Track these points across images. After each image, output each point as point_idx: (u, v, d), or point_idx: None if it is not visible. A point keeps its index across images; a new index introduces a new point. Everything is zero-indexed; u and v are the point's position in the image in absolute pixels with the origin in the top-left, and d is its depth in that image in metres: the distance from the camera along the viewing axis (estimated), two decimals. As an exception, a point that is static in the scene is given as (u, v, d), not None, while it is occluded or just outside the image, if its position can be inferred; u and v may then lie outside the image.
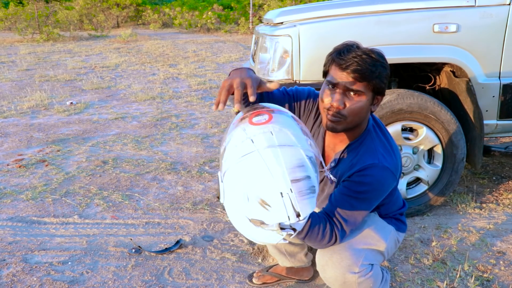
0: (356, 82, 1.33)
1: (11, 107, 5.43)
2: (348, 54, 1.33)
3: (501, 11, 2.34)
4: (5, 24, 16.85)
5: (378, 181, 1.38)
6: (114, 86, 6.72)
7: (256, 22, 17.18)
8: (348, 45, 1.37)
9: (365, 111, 1.39)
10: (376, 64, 1.32)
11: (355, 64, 1.31)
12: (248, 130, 1.14)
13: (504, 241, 2.31)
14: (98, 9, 20.76)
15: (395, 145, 1.48)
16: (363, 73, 1.31)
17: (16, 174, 3.32)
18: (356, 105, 1.36)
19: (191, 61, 9.33)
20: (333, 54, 1.38)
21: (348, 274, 1.43)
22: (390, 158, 1.42)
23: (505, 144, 3.70)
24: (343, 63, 1.33)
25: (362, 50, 1.34)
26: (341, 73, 1.34)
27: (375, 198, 1.40)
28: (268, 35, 2.62)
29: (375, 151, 1.41)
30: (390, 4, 2.43)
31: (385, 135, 1.49)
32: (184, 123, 4.67)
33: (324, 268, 1.47)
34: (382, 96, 1.42)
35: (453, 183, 2.52)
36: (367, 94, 1.36)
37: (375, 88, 1.35)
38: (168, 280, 2.03)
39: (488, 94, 2.45)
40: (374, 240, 1.53)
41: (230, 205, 1.16)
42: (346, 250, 1.45)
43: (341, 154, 1.48)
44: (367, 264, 1.47)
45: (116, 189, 3.02)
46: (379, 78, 1.34)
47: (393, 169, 1.40)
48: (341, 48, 1.37)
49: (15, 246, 2.31)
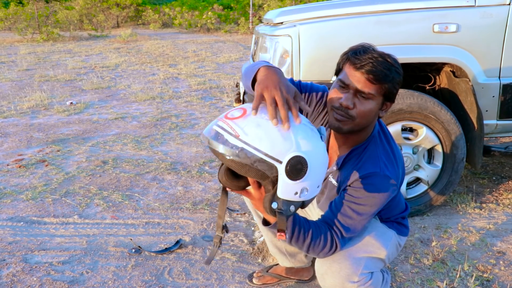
0: (368, 83, 1.31)
1: (11, 107, 5.43)
2: (364, 54, 1.32)
3: (501, 11, 2.34)
4: (5, 24, 16.85)
5: (378, 190, 1.36)
6: (114, 86, 6.73)
7: (256, 22, 17.19)
8: (364, 46, 1.36)
9: (373, 115, 1.37)
10: (391, 68, 1.32)
11: (370, 65, 1.29)
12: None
13: (504, 241, 2.31)
14: (98, 9, 20.77)
15: (398, 154, 1.47)
16: (377, 75, 1.30)
17: (16, 174, 3.32)
18: (366, 107, 1.34)
19: (191, 61, 9.34)
20: (348, 53, 1.36)
21: (347, 283, 1.41)
22: (392, 167, 1.40)
23: (505, 144, 3.70)
24: (358, 63, 1.31)
25: (378, 52, 1.33)
26: (354, 73, 1.32)
27: (375, 206, 1.38)
28: (268, 35, 2.62)
29: (378, 158, 1.40)
30: (390, 4, 2.43)
31: (389, 142, 1.47)
32: (184, 123, 4.67)
33: (323, 277, 1.45)
34: (391, 102, 1.40)
35: (453, 183, 2.52)
36: (378, 98, 1.35)
37: (386, 92, 1.34)
38: (168, 280, 2.03)
39: (488, 94, 2.45)
40: (374, 248, 1.51)
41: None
42: (346, 259, 1.43)
43: (344, 159, 1.47)
44: (366, 273, 1.45)
45: (116, 189, 3.02)
46: (391, 83, 1.33)
47: (394, 178, 1.39)
48: (357, 48, 1.35)
49: (15, 246, 2.31)
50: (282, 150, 1.09)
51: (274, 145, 1.09)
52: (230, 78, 7.31)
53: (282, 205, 1.15)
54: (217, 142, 1.10)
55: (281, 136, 1.10)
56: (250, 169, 1.11)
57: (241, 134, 1.09)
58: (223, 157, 1.11)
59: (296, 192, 1.14)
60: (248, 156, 1.08)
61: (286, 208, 1.16)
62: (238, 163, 1.10)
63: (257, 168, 1.10)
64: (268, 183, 1.15)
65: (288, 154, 1.09)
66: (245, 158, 1.08)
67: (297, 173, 1.11)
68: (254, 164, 1.09)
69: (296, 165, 1.10)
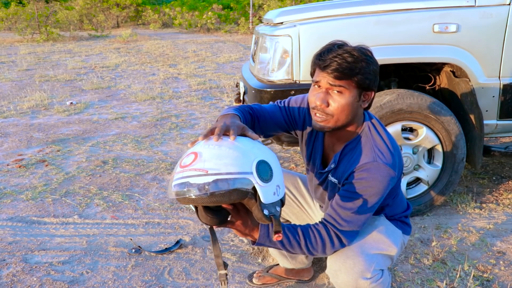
0: (336, 80, 1.35)
1: (11, 107, 5.43)
2: (328, 54, 1.36)
3: (501, 11, 2.34)
4: (5, 24, 16.85)
5: (375, 179, 1.37)
6: (114, 86, 6.73)
7: (256, 22, 17.18)
8: (329, 45, 1.40)
9: (351, 108, 1.39)
10: (356, 60, 1.34)
11: (334, 63, 1.33)
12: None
13: (504, 241, 2.31)
14: (98, 9, 20.77)
15: (393, 142, 1.48)
16: (342, 71, 1.33)
17: (16, 174, 3.32)
18: (341, 102, 1.37)
19: (191, 61, 9.34)
20: (315, 56, 1.42)
21: (360, 280, 1.43)
22: (387, 155, 1.41)
23: (505, 144, 3.70)
24: (322, 63, 1.36)
25: (344, 48, 1.36)
26: (322, 73, 1.37)
27: (375, 197, 1.39)
28: (268, 35, 2.62)
29: (371, 149, 1.42)
30: (390, 4, 2.43)
31: (382, 132, 1.48)
32: (184, 123, 4.67)
33: (336, 273, 1.47)
34: (371, 91, 1.42)
35: (453, 183, 2.52)
36: (351, 91, 1.37)
37: (359, 84, 1.37)
38: (168, 280, 2.03)
39: (488, 94, 2.45)
40: (386, 245, 1.53)
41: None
42: (359, 255, 1.45)
43: (340, 155, 1.49)
44: (378, 270, 1.47)
45: (116, 189, 3.02)
46: (361, 74, 1.35)
47: (391, 166, 1.40)
48: (322, 49, 1.40)
49: (15, 246, 2.31)
50: (247, 162, 1.18)
51: (239, 162, 1.17)
52: (230, 78, 7.31)
53: (271, 209, 1.22)
54: (190, 189, 1.15)
55: (238, 153, 1.19)
56: (231, 194, 1.16)
57: (208, 169, 1.15)
58: (202, 199, 1.16)
59: (274, 192, 1.22)
60: (224, 183, 1.15)
61: (274, 210, 1.23)
62: (218, 195, 1.15)
63: (236, 189, 1.16)
64: (249, 198, 1.21)
65: (253, 163, 1.18)
66: (223, 186, 1.15)
67: (267, 174, 1.20)
68: (233, 186, 1.15)
69: (263, 168, 1.20)
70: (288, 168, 3.34)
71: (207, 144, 1.22)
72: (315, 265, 2.08)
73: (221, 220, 1.32)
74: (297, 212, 1.88)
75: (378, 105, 2.35)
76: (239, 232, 1.36)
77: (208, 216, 1.29)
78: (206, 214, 1.29)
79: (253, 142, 1.27)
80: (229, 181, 1.14)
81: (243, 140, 1.25)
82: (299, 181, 1.88)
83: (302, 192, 1.86)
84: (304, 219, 1.87)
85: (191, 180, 1.15)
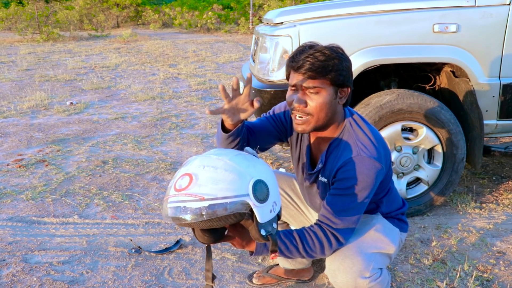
0: (310, 80, 1.37)
1: (11, 107, 5.43)
2: (300, 55, 1.38)
3: (501, 11, 2.34)
4: (5, 24, 16.85)
5: (361, 173, 1.38)
6: (114, 86, 6.73)
7: (256, 22, 17.18)
8: (302, 46, 1.42)
9: (329, 106, 1.41)
10: (329, 58, 1.36)
11: (307, 63, 1.36)
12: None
13: (504, 241, 2.31)
14: (98, 9, 20.77)
15: (376, 135, 1.48)
16: (315, 70, 1.36)
17: (16, 174, 3.32)
18: (318, 101, 1.39)
19: (191, 61, 9.34)
20: (288, 59, 1.43)
21: (359, 279, 1.43)
22: (371, 148, 1.42)
23: (505, 144, 3.70)
24: (296, 65, 1.38)
25: (315, 48, 1.38)
26: (296, 75, 1.39)
27: (364, 191, 1.40)
28: (268, 35, 2.62)
29: (354, 144, 1.43)
30: (390, 4, 2.43)
31: (363, 126, 1.49)
32: (184, 123, 4.67)
33: (335, 273, 1.47)
34: (347, 87, 1.44)
35: (453, 183, 2.52)
36: (327, 89, 1.39)
37: (333, 81, 1.38)
38: (168, 280, 2.03)
39: (488, 94, 2.45)
40: (384, 244, 1.53)
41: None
42: (358, 255, 1.45)
43: (326, 154, 1.51)
44: (377, 269, 1.48)
45: (116, 189, 3.03)
46: (335, 71, 1.37)
47: (376, 158, 1.40)
48: (294, 52, 1.42)
49: (15, 246, 2.31)
50: (243, 184, 1.18)
51: (235, 186, 1.17)
52: (230, 78, 7.31)
53: (267, 228, 1.22)
54: (186, 213, 1.15)
55: (234, 176, 1.18)
56: (227, 217, 1.16)
57: (204, 195, 1.14)
58: (198, 224, 1.16)
59: (270, 210, 1.22)
60: (220, 208, 1.15)
61: (271, 228, 1.23)
62: (215, 220, 1.16)
63: (233, 213, 1.16)
64: (246, 219, 1.21)
65: (249, 184, 1.18)
66: (220, 211, 1.15)
67: (263, 195, 1.20)
68: (229, 210, 1.15)
69: (260, 188, 1.19)
70: (288, 168, 3.34)
71: (202, 165, 1.20)
72: (315, 265, 2.09)
73: (218, 237, 1.32)
74: (294, 214, 1.88)
75: (378, 105, 2.35)
76: (236, 245, 1.38)
77: (205, 236, 1.30)
78: (203, 234, 1.30)
79: (248, 160, 1.26)
80: (226, 205, 1.14)
81: (238, 159, 1.24)
82: (295, 182, 1.88)
83: (298, 193, 1.87)
84: (301, 221, 1.88)
85: (187, 204, 1.15)
